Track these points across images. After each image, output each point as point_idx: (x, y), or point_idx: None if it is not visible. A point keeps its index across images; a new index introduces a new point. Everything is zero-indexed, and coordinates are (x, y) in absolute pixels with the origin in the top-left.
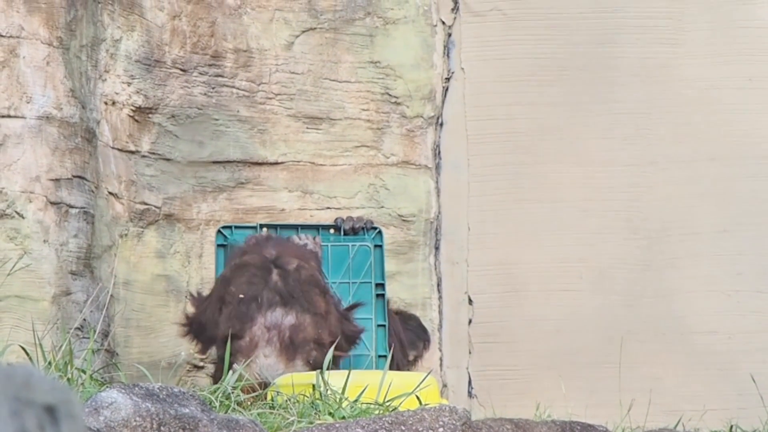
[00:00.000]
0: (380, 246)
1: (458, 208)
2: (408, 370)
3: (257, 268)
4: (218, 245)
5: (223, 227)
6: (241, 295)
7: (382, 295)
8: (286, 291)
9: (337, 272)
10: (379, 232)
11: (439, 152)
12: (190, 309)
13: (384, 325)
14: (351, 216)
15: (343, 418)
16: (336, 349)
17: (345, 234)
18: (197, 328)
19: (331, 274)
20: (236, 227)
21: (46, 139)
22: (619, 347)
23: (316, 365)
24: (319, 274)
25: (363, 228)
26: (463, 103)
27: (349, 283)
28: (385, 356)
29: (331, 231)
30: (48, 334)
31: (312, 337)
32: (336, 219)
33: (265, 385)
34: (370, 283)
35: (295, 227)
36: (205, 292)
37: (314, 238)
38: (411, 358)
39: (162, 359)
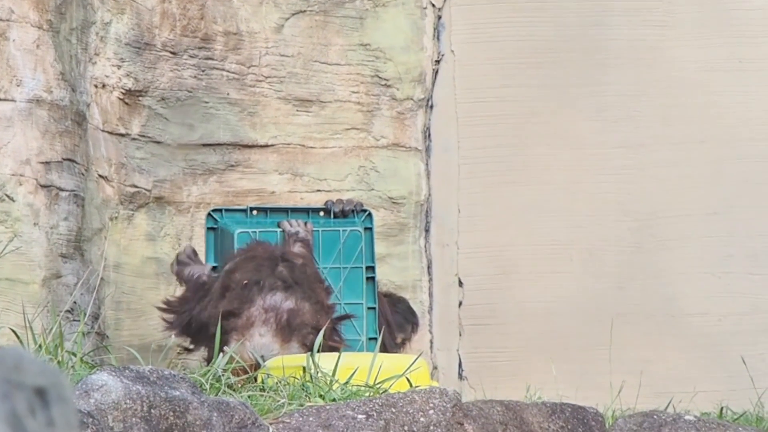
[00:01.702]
0: (370, 228)
1: (448, 191)
2: (396, 352)
3: (265, 259)
4: (208, 228)
5: (214, 210)
6: (245, 281)
7: (372, 278)
8: (290, 279)
9: (328, 257)
10: (369, 215)
11: (429, 135)
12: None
13: (374, 308)
14: (341, 199)
15: (334, 400)
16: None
17: (335, 217)
18: (195, 327)
19: (321, 259)
20: (226, 210)
21: (36, 122)
22: (609, 329)
23: (312, 349)
24: (320, 274)
25: (353, 211)
26: (453, 86)
27: (340, 268)
28: (375, 339)
29: (321, 214)
30: (38, 316)
31: (310, 322)
32: (326, 202)
33: (257, 366)
34: (361, 268)
35: (285, 210)
36: (179, 293)
37: (305, 224)
38: (399, 340)
39: (152, 342)
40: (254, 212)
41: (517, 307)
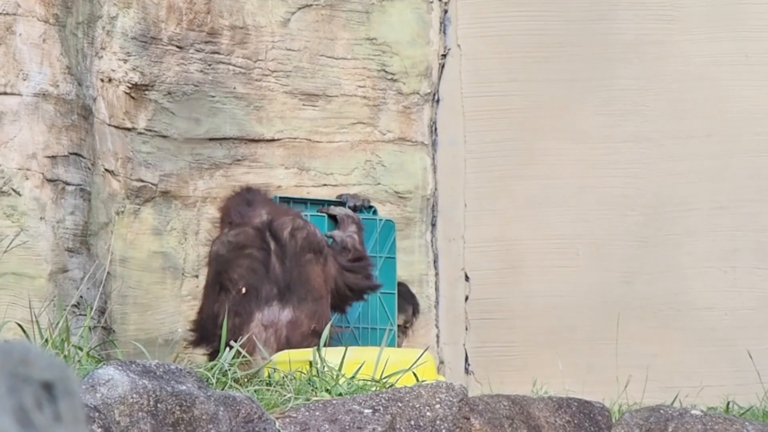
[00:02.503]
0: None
1: (455, 185)
2: (398, 337)
3: (255, 248)
4: None
5: None
6: (243, 289)
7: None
8: (283, 280)
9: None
10: (374, 212)
11: (436, 129)
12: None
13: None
14: (354, 194)
15: (340, 394)
16: (341, 300)
17: None
18: (204, 332)
19: None
20: None
21: (43, 116)
22: (616, 324)
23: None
24: (311, 228)
25: (362, 206)
26: (459, 80)
27: (376, 257)
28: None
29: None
30: (44, 311)
31: (307, 331)
32: (341, 195)
33: None
34: (394, 258)
35: (304, 201)
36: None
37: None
38: (401, 322)
39: (159, 336)
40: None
41: (523, 301)
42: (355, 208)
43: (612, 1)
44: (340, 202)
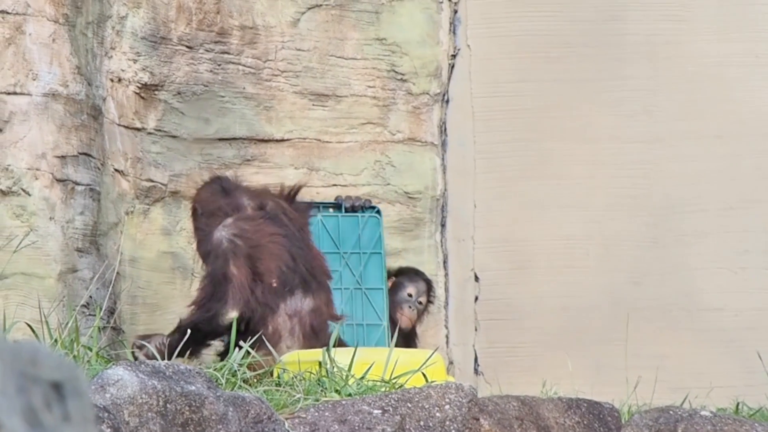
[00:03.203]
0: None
1: (464, 185)
2: (418, 314)
3: (273, 243)
4: None
5: None
6: (273, 281)
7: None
8: (303, 268)
9: (347, 243)
10: (378, 212)
11: (445, 129)
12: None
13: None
14: (350, 195)
15: (350, 395)
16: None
17: (345, 212)
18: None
19: (341, 245)
20: None
21: (52, 116)
22: (625, 324)
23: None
24: (290, 207)
25: (362, 207)
26: (469, 80)
27: (359, 253)
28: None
29: (331, 210)
30: (54, 311)
31: (328, 317)
32: (336, 197)
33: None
34: (380, 253)
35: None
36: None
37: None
38: (416, 297)
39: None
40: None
41: (533, 301)
42: (353, 209)
43: (622, 2)
44: (336, 204)
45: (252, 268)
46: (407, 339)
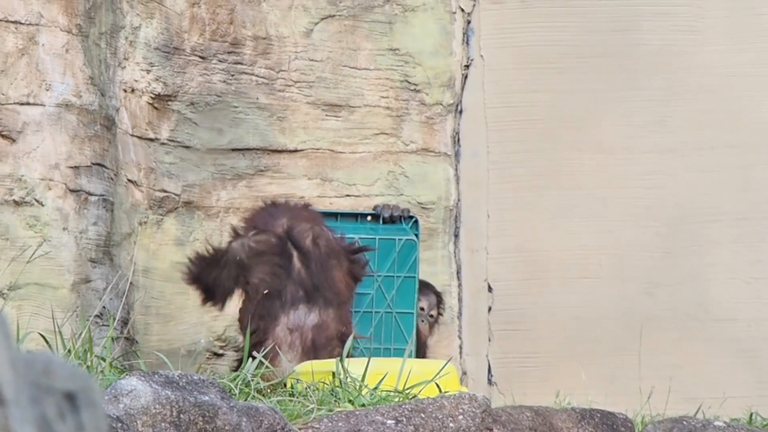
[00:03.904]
0: (416, 236)
1: (477, 196)
2: (426, 325)
3: (276, 255)
4: None
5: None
6: (266, 291)
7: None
8: (310, 282)
9: (383, 264)
10: (416, 222)
11: (459, 140)
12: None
13: (410, 313)
14: (388, 204)
15: (363, 405)
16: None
17: (384, 222)
18: (206, 282)
19: (377, 266)
20: None
21: (66, 126)
22: (638, 335)
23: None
24: (330, 234)
25: (401, 217)
26: (482, 91)
27: (393, 276)
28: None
29: (369, 219)
30: (67, 321)
31: (334, 334)
32: (375, 207)
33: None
34: (414, 277)
35: (335, 215)
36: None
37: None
38: (427, 309)
39: (182, 347)
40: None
41: (546, 312)
42: (391, 219)
43: (635, 12)
44: (374, 214)
45: (242, 280)
46: (419, 352)
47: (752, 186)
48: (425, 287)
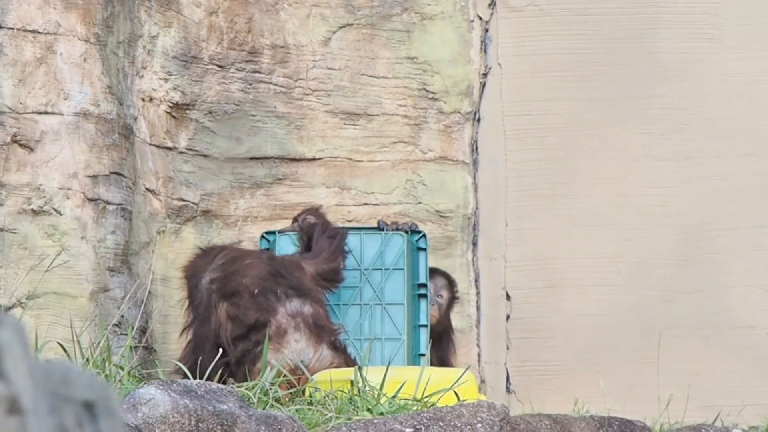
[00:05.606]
0: (424, 249)
1: (496, 204)
2: (440, 308)
3: (253, 257)
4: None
5: (267, 233)
6: (256, 290)
7: (424, 295)
8: (297, 285)
9: (371, 259)
10: (423, 236)
11: (477, 148)
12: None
13: (426, 326)
14: (395, 221)
15: (382, 414)
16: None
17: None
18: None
19: (366, 262)
20: (279, 232)
21: (84, 135)
22: (656, 342)
23: (339, 348)
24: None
25: (407, 231)
26: (500, 99)
27: (381, 269)
28: (424, 355)
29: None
30: (86, 330)
31: (329, 324)
32: (378, 222)
33: (294, 370)
34: (403, 270)
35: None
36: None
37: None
38: (440, 292)
39: None
40: None
41: (564, 320)
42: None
43: (653, 20)
44: (377, 228)
45: (231, 289)
46: (440, 335)
47: None
48: (434, 272)
